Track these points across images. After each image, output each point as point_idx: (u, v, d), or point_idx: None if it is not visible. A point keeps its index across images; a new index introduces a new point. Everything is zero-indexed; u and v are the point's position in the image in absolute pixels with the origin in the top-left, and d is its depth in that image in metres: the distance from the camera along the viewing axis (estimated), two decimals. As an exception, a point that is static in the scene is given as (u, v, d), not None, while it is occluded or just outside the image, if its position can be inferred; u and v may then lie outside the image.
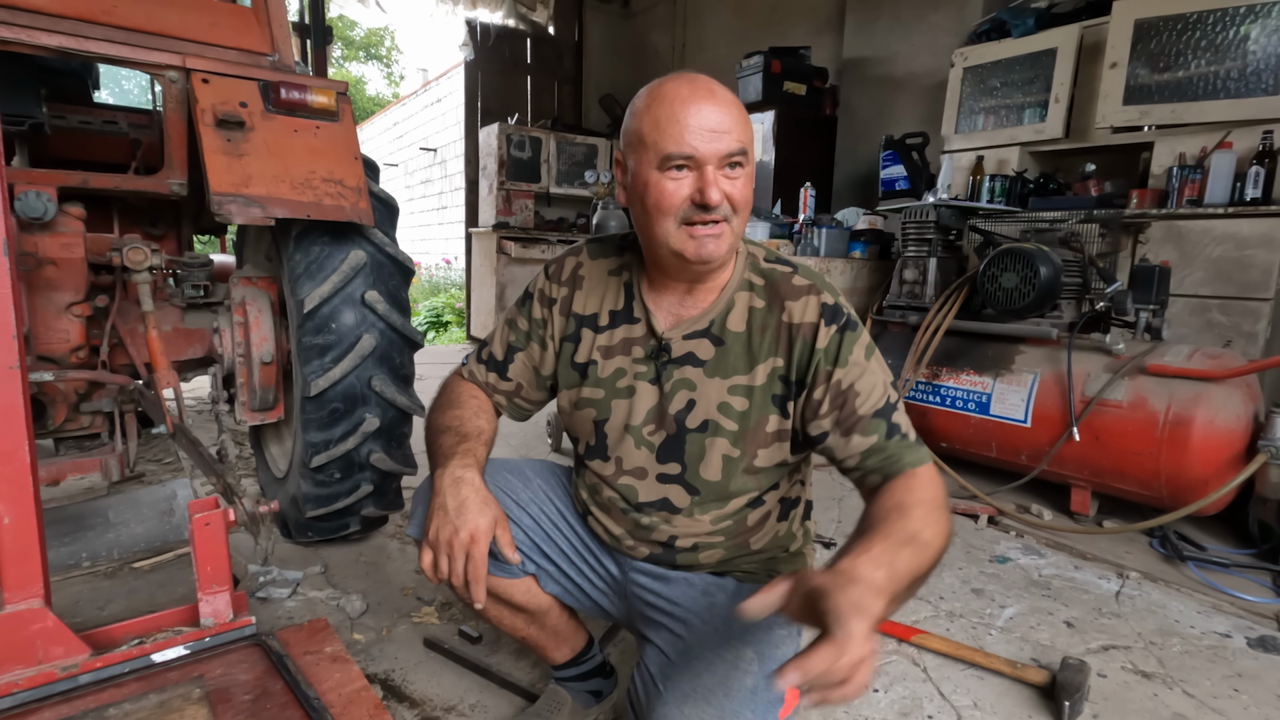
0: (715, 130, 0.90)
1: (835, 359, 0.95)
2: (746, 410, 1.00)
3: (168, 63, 1.72)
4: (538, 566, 1.18)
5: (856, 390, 0.95)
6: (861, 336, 0.98)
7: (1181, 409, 2.05)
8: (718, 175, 0.91)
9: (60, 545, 2.09)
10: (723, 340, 1.01)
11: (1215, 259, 2.73)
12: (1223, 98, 2.77)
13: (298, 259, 1.87)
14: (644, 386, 1.05)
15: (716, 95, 0.91)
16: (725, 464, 1.02)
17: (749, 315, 1.01)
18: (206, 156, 1.66)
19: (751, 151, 0.96)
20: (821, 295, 0.99)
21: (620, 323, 1.08)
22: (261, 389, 2.10)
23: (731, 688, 0.89)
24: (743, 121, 0.93)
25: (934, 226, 2.79)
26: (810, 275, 1.02)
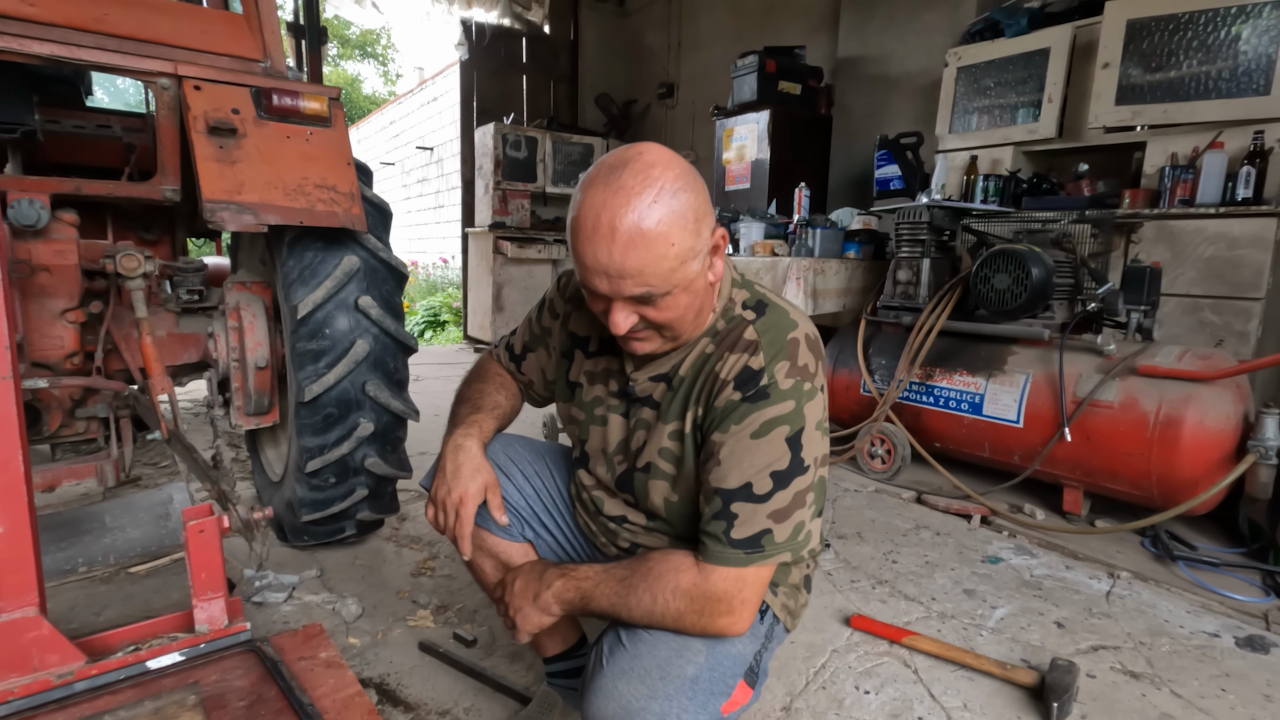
0: (614, 275, 0.85)
1: (720, 423, 0.93)
2: (681, 455, 1.01)
3: (160, 70, 1.72)
4: (534, 533, 1.26)
5: (720, 459, 0.92)
6: (765, 411, 0.90)
7: (1172, 410, 2.06)
8: (627, 306, 0.89)
9: (56, 551, 2.09)
10: (673, 386, 1.01)
11: (1207, 259, 2.74)
12: (1214, 98, 2.78)
13: (291, 265, 1.88)
14: (615, 419, 1.09)
15: (617, 234, 0.82)
16: (667, 506, 1.04)
17: (697, 362, 0.99)
18: (199, 164, 1.67)
19: (675, 276, 0.86)
20: (754, 356, 0.93)
21: (605, 351, 1.11)
22: (256, 394, 2.11)
23: (670, 672, 0.91)
24: (653, 259, 0.83)
25: (927, 227, 2.79)
26: (767, 328, 0.96)
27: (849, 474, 2.87)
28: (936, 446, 2.73)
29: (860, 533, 2.31)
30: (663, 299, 0.88)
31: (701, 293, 0.93)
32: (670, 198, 0.84)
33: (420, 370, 5.25)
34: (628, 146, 0.89)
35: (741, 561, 0.90)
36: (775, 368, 0.92)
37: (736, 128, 4.75)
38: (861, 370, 2.91)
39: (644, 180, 0.84)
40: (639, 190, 0.83)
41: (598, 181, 0.85)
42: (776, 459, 0.90)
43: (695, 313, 0.94)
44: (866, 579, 2.00)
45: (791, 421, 0.90)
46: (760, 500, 0.90)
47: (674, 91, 6.69)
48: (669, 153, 0.89)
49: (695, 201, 0.86)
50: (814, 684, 1.52)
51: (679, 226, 0.84)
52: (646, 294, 0.86)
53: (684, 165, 0.89)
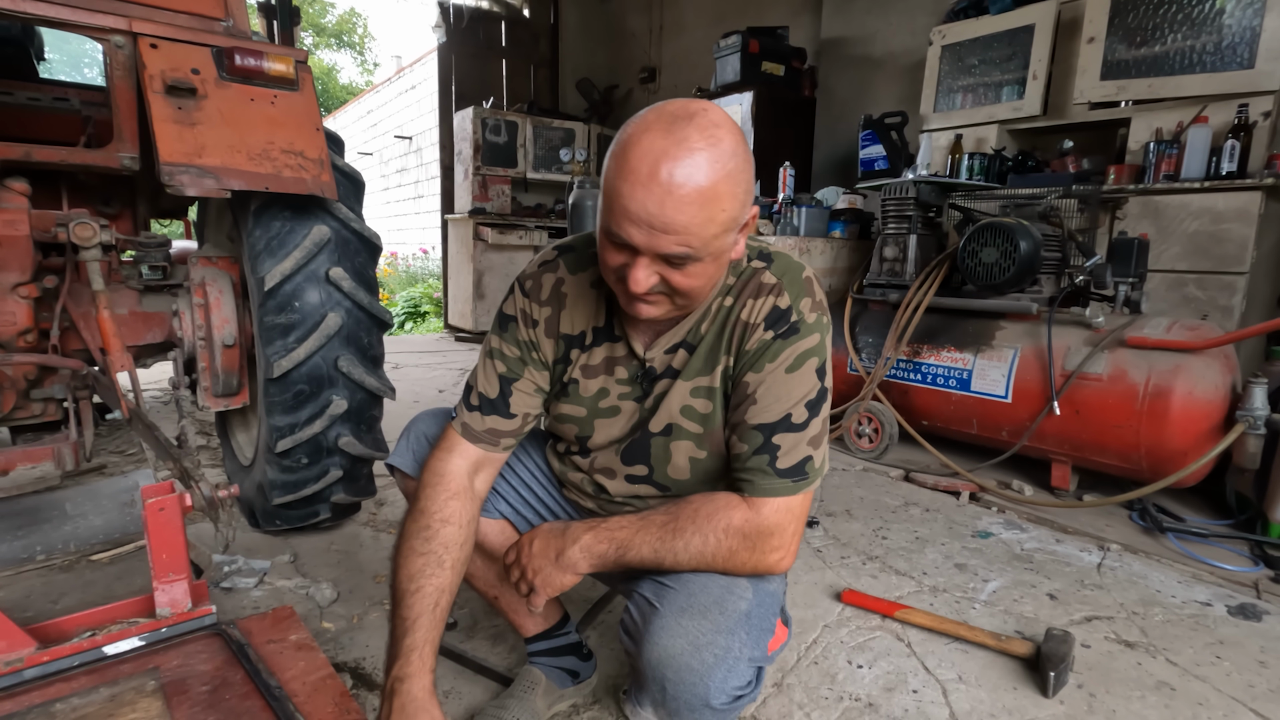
0: (656, 228, 0.79)
1: (754, 363, 0.93)
2: (710, 412, 0.99)
3: (112, 26, 1.62)
4: (511, 509, 1.22)
5: (756, 398, 0.93)
6: (798, 345, 0.92)
7: (1161, 381, 2.04)
8: (653, 265, 0.84)
9: (13, 538, 2.00)
10: (694, 346, 0.99)
11: (1192, 233, 2.74)
12: (1199, 72, 2.77)
13: (258, 235, 1.79)
14: (628, 405, 1.05)
15: (674, 186, 0.77)
16: (693, 465, 1.03)
17: (717, 315, 0.98)
18: (156, 125, 1.58)
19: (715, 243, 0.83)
20: (779, 297, 0.93)
21: (602, 340, 1.04)
22: (224, 373, 2.02)
23: (727, 607, 0.91)
24: (701, 220, 0.79)
25: (914, 204, 2.76)
26: (783, 270, 0.96)
27: (836, 453, 2.84)
28: (924, 424, 2.70)
29: (849, 510, 2.28)
30: (694, 264, 0.84)
31: (725, 266, 0.91)
32: (730, 161, 0.80)
33: (399, 359, 5.15)
34: (688, 100, 0.84)
35: (790, 490, 0.92)
36: (801, 304, 0.94)
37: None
38: (848, 349, 2.87)
39: (710, 139, 0.78)
40: (704, 147, 0.78)
41: (656, 127, 0.79)
42: (810, 389, 0.93)
43: (712, 283, 0.91)
44: (856, 555, 1.96)
45: (819, 353, 0.94)
46: (800, 429, 0.92)
47: (656, 76, 6.61)
48: (729, 118, 0.84)
49: (749, 173, 0.84)
50: (806, 659, 1.48)
51: (732, 193, 0.81)
52: (684, 254, 0.81)
53: (741, 134, 0.85)
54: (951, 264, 2.66)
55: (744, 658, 0.89)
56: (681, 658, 0.88)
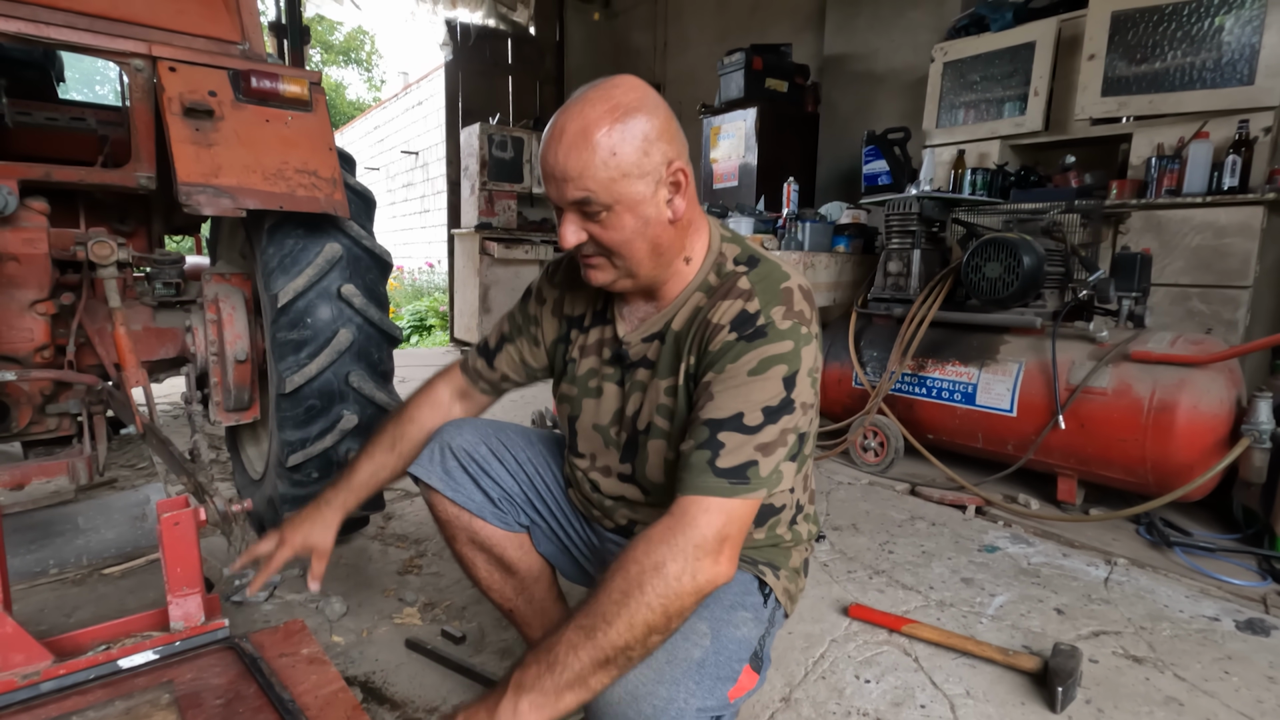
0: (556, 177, 0.89)
1: (715, 363, 0.91)
2: (674, 409, 0.99)
3: (133, 50, 1.66)
4: (530, 521, 1.23)
5: (712, 394, 0.89)
6: (764, 349, 0.88)
7: (1166, 395, 2.05)
8: (571, 218, 0.92)
9: (26, 552, 2.02)
10: (667, 341, 1.01)
11: (1195, 248, 2.75)
12: (1199, 88, 2.79)
13: (271, 252, 1.82)
14: (610, 388, 1.08)
15: (564, 138, 0.87)
16: (666, 466, 1.02)
17: (690, 314, 0.99)
18: (174, 146, 1.61)
19: (617, 189, 0.87)
20: (749, 301, 0.91)
21: (597, 324, 1.11)
22: (236, 388, 2.05)
23: (676, 655, 0.86)
24: (594, 163, 0.86)
25: (917, 218, 2.78)
26: (761, 277, 0.94)
27: (842, 467, 2.85)
28: (929, 438, 2.71)
29: (855, 524, 2.28)
30: (606, 215, 0.89)
31: (655, 225, 0.92)
32: (623, 112, 0.86)
33: (406, 372, 5.16)
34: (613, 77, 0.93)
35: (725, 492, 0.84)
36: (771, 310, 0.91)
37: (724, 125, 4.75)
38: (853, 363, 2.89)
39: (603, 94, 0.88)
40: (595, 101, 0.87)
41: (572, 98, 0.90)
42: (771, 396, 0.87)
43: (650, 247, 0.93)
44: (863, 569, 1.96)
45: (789, 361, 0.89)
46: (750, 431, 0.86)
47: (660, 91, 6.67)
48: (641, 83, 0.92)
49: (650, 124, 0.88)
50: (813, 674, 1.48)
51: (624, 140, 0.86)
52: (585, 199, 0.88)
53: (651, 95, 0.91)
54: (955, 278, 2.68)
55: (690, 708, 0.83)
56: (618, 707, 0.83)
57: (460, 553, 1.24)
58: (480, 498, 1.18)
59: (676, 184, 0.92)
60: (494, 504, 1.19)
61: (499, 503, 1.19)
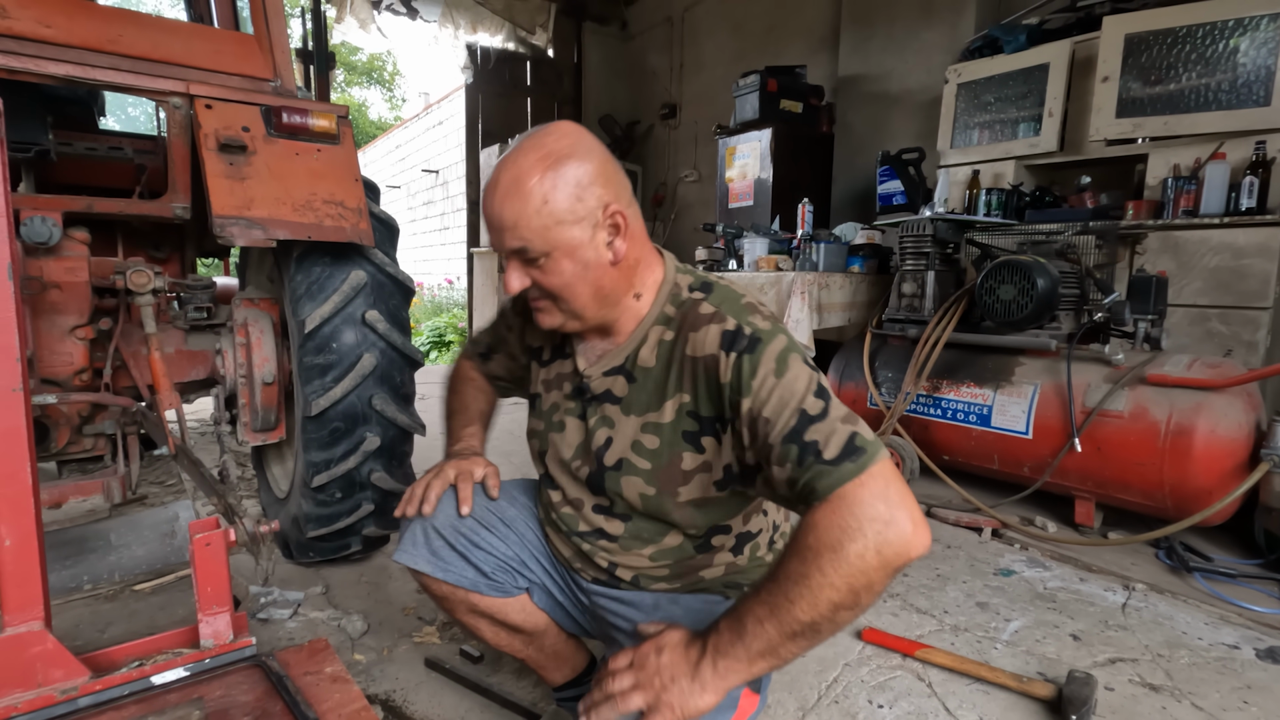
0: (495, 228, 0.92)
1: (740, 388, 0.87)
2: (658, 448, 0.98)
3: (172, 89, 1.75)
4: (529, 581, 1.21)
5: (766, 418, 0.84)
6: (766, 352, 0.86)
7: (1183, 419, 2.04)
8: (514, 265, 0.94)
9: (61, 568, 2.09)
10: (635, 377, 1.00)
11: (1213, 269, 2.74)
12: (1215, 109, 2.79)
13: (299, 280, 1.89)
14: (572, 422, 1.08)
15: (499, 188, 0.90)
16: (643, 500, 1.01)
17: (658, 349, 0.98)
18: (209, 180, 1.69)
19: (553, 236, 0.89)
20: (724, 323, 0.91)
21: (557, 357, 1.13)
22: (263, 409, 2.11)
23: None
24: (527, 213, 0.88)
25: (931, 240, 2.80)
26: (720, 299, 0.95)
27: (857, 488, 2.85)
28: (945, 459, 2.71)
29: (870, 546, 2.29)
30: (545, 261, 0.91)
31: (595, 268, 0.93)
32: (554, 160, 0.88)
33: (426, 389, 5.23)
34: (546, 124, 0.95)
35: (854, 471, 0.77)
36: (748, 319, 0.91)
37: (739, 146, 4.80)
38: (868, 383, 2.90)
39: (536, 143, 0.90)
40: (528, 150, 0.90)
41: (512, 145, 0.96)
42: (810, 381, 0.85)
43: (593, 290, 0.95)
44: (877, 592, 1.97)
45: (795, 348, 0.89)
46: (824, 416, 0.81)
47: (676, 112, 6.76)
48: (576, 128, 0.93)
49: (582, 170, 0.89)
50: (826, 698, 1.49)
51: (556, 187, 0.88)
52: (523, 248, 0.90)
53: (585, 140, 0.92)
54: (970, 300, 2.69)
55: None
56: None
57: (463, 620, 1.22)
58: (473, 574, 1.14)
59: (616, 226, 0.93)
60: (487, 576, 1.15)
61: (493, 574, 1.15)
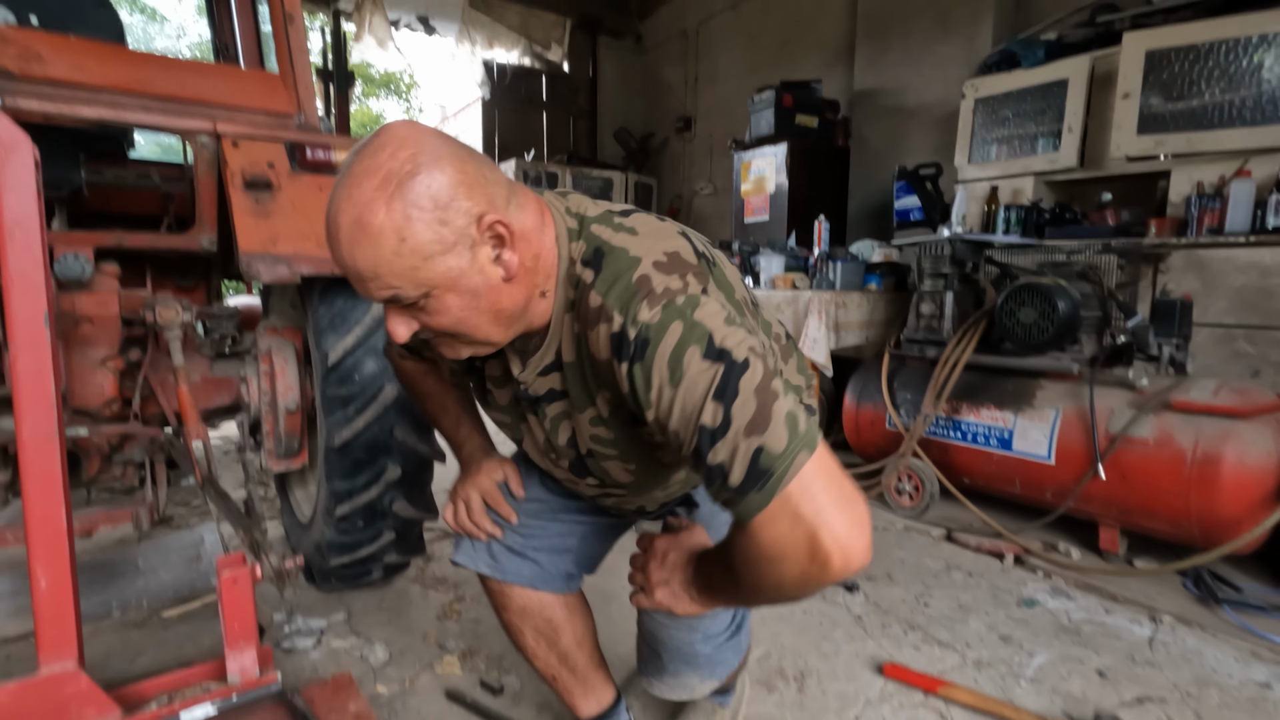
0: (355, 279, 0.76)
1: (640, 402, 0.78)
2: (615, 436, 0.92)
3: (200, 128, 1.79)
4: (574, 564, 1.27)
5: (674, 430, 0.76)
6: (657, 357, 0.75)
7: (1209, 447, 2.01)
8: (392, 311, 0.80)
9: (91, 593, 2.13)
10: (567, 373, 0.91)
11: (1239, 288, 2.70)
12: (1239, 126, 2.75)
13: (322, 312, 1.92)
14: (531, 419, 1.02)
15: (341, 234, 0.73)
16: (630, 474, 1.00)
17: (574, 343, 0.88)
18: (236, 218, 1.72)
19: (425, 274, 0.74)
20: (610, 323, 0.78)
21: (495, 356, 1.01)
22: (287, 437, 2.14)
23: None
24: (383, 260, 0.72)
25: (950, 260, 2.79)
26: (608, 282, 0.80)
27: (877, 510, 2.83)
28: (965, 482, 2.68)
29: (890, 574, 2.27)
30: (425, 302, 0.77)
31: (488, 293, 0.79)
32: (397, 183, 0.71)
33: None
34: (374, 133, 0.75)
35: (763, 501, 0.71)
36: (634, 314, 0.76)
37: (754, 160, 4.80)
38: (886, 405, 2.88)
39: (367, 167, 0.72)
40: (360, 178, 0.71)
41: (340, 172, 0.75)
42: (710, 381, 0.73)
43: (493, 316, 0.81)
44: (898, 623, 1.95)
45: (695, 339, 0.74)
46: (725, 429, 0.72)
47: (691, 125, 6.78)
48: (412, 130, 0.75)
49: (436, 183, 0.72)
50: (848, 737, 1.48)
51: (410, 218, 0.71)
52: (395, 297, 0.76)
53: (429, 144, 0.74)
54: (989, 321, 2.66)
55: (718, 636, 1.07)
56: (657, 617, 1.07)
57: (508, 621, 1.26)
58: (529, 570, 1.21)
59: (499, 238, 0.78)
60: (542, 568, 1.22)
61: (546, 565, 1.22)
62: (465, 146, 0.78)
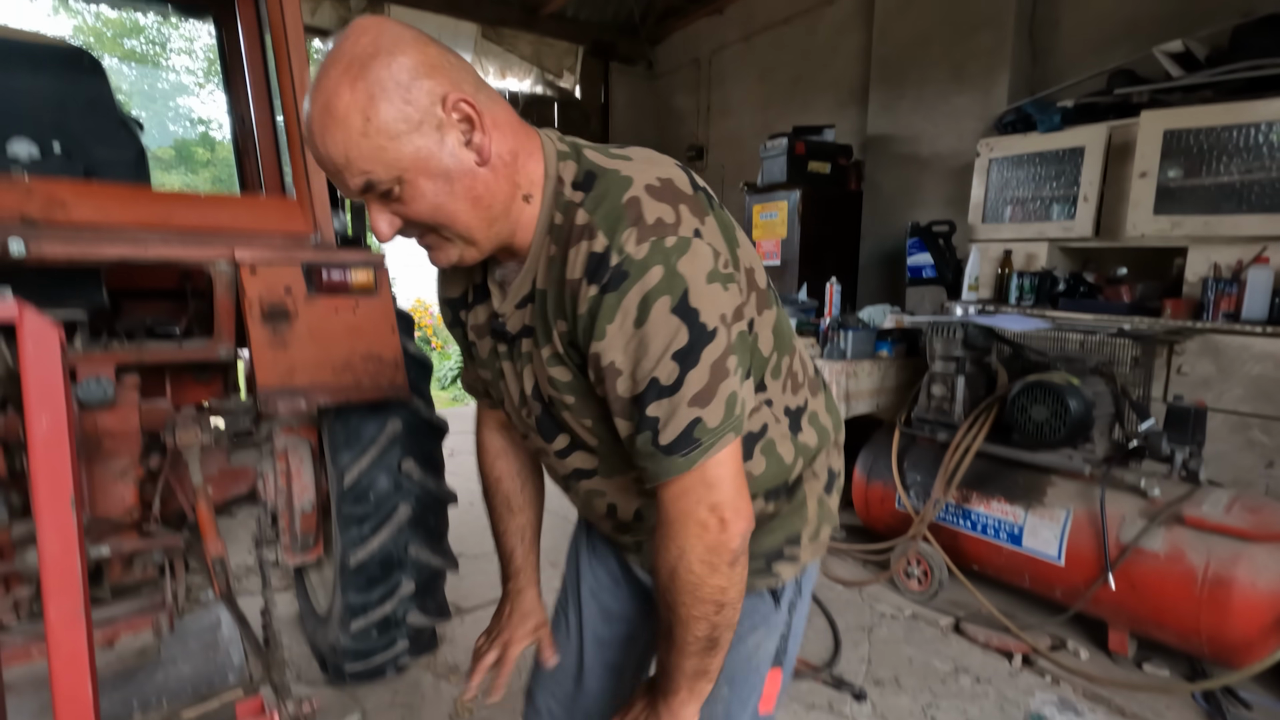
0: (331, 170, 0.75)
1: (591, 329, 0.77)
2: (571, 380, 0.87)
3: (218, 255, 1.82)
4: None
5: (617, 368, 0.77)
6: (631, 292, 0.74)
7: (1221, 569, 2.00)
8: (374, 207, 0.78)
9: (112, 689, 2.17)
10: (535, 304, 0.87)
11: (1255, 376, 2.67)
12: (1258, 212, 2.72)
13: (338, 428, 1.95)
14: (507, 367, 0.96)
15: (314, 123, 0.73)
16: (591, 434, 0.92)
17: (547, 268, 0.84)
18: (254, 352, 1.76)
19: (394, 156, 0.73)
20: (593, 241, 0.76)
21: (478, 300, 0.98)
22: (303, 535, 2.17)
23: None
24: (352, 143, 0.72)
25: (962, 344, 2.78)
26: (598, 200, 0.78)
27: (886, 593, 2.84)
28: (975, 569, 2.69)
29: (897, 677, 2.28)
30: (400, 189, 0.76)
31: (461, 178, 0.77)
32: (360, 67, 0.71)
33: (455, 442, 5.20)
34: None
35: (685, 465, 0.77)
36: (620, 239, 0.74)
37: (766, 205, 4.79)
38: (896, 485, 2.88)
39: (335, 55, 0.72)
40: (329, 67, 0.72)
41: (314, 80, 0.75)
42: (672, 338, 0.74)
43: (470, 204, 0.78)
44: (905, 739, 1.97)
45: (670, 289, 0.73)
46: (673, 391, 0.75)
47: (704, 155, 6.76)
48: (377, 21, 0.75)
49: (398, 65, 0.72)
50: None
51: (372, 98, 0.71)
52: (368, 183, 0.75)
53: (389, 31, 0.74)
54: (1000, 407, 2.66)
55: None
56: None
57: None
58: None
59: (468, 120, 0.76)
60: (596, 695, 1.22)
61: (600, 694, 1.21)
62: (432, 39, 0.77)
